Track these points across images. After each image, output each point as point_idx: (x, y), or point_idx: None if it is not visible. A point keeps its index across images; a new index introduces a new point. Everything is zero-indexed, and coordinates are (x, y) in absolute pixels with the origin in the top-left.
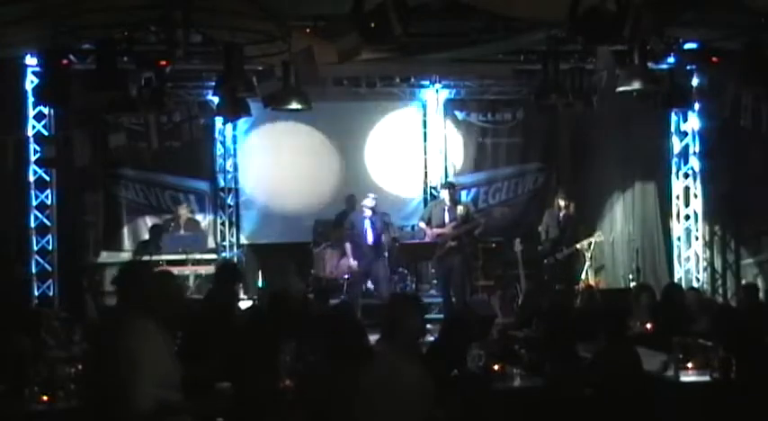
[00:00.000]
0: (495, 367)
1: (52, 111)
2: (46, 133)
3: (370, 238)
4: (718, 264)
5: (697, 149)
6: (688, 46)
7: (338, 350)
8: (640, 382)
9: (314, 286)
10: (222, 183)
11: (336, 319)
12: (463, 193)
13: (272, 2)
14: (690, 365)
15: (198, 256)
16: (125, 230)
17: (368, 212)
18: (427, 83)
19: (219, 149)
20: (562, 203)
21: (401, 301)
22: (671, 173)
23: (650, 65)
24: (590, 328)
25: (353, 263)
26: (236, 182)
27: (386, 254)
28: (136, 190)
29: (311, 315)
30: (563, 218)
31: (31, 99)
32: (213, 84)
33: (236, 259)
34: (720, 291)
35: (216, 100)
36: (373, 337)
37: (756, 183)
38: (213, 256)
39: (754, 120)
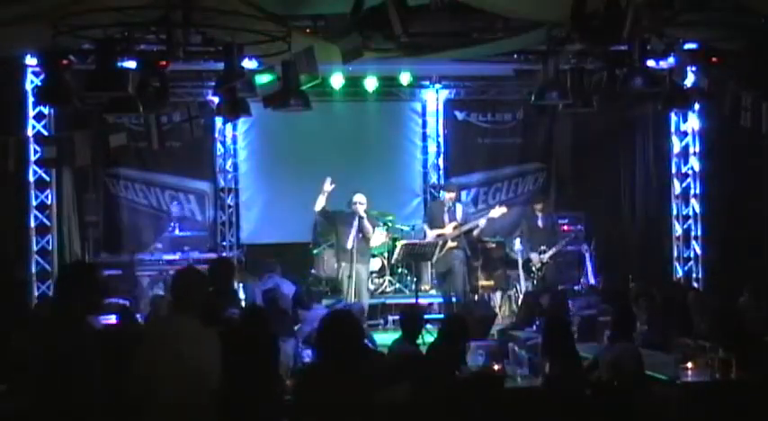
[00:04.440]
0: (496, 367)
1: (52, 111)
2: (46, 133)
3: (351, 239)
4: (718, 264)
5: (697, 149)
6: (688, 46)
7: (336, 350)
8: (641, 382)
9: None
10: (222, 183)
11: (335, 320)
12: (463, 193)
13: (272, 2)
14: (690, 366)
15: (198, 256)
16: (125, 230)
17: (359, 209)
18: (427, 83)
19: (219, 149)
20: (538, 206)
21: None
22: (671, 173)
23: (650, 65)
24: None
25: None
26: (237, 182)
27: (369, 256)
28: (136, 190)
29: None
30: (542, 218)
31: (31, 99)
32: (213, 84)
33: (235, 259)
34: (720, 291)
35: (216, 100)
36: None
37: (756, 183)
38: (213, 256)
39: (754, 120)
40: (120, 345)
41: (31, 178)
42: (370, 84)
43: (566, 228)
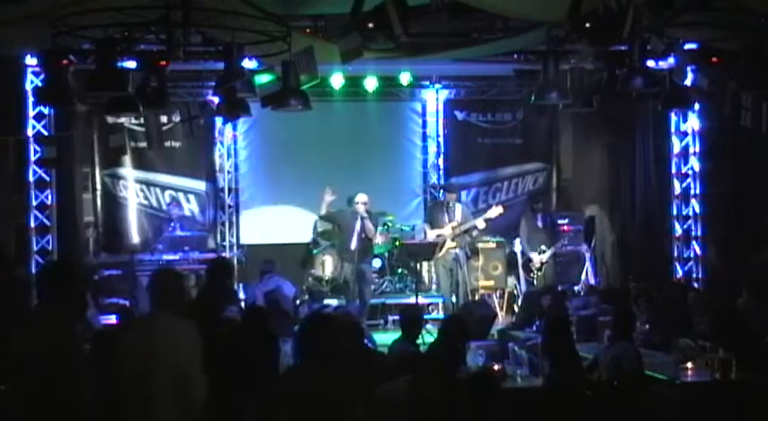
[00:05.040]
0: (496, 367)
1: (52, 111)
2: (46, 133)
3: (354, 239)
4: (718, 264)
5: (697, 149)
6: (688, 46)
7: (313, 353)
8: (641, 382)
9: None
10: (222, 183)
11: (310, 323)
12: (463, 193)
13: (272, 2)
14: (690, 366)
15: (198, 256)
16: (125, 230)
17: (361, 208)
18: (427, 83)
19: (219, 149)
20: (538, 206)
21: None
22: (671, 173)
23: (650, 65)
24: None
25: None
26: (237, 182)
27: (371, 256)
28: (136, 190)
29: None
30: (542, 218)
31: (31, 99)
32: (213, 84)
33: (235, 259)
34: (720, 291)
35: (216, 100)
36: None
37: (756, 183)
38: (213, 256)
39: (754, 120)
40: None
41: (31, 178)
42: (370, 84)
43: (566, 228)
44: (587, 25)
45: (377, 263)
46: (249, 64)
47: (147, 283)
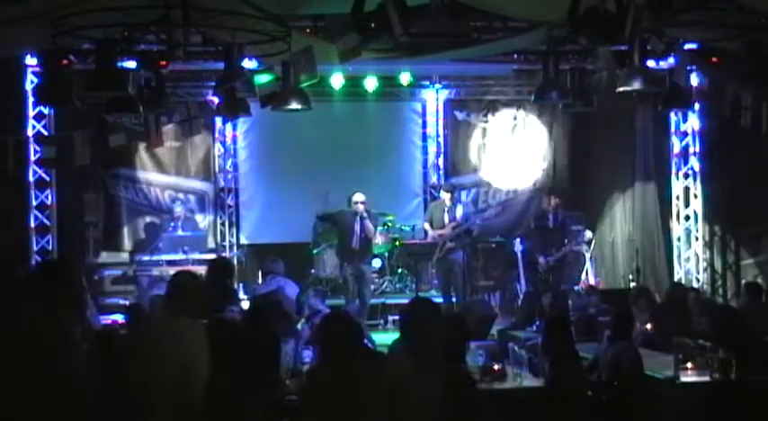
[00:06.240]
0: (496, 367)
1: (52, 111)
2: (46, 133)
3: (356, 239)
4: (718, 264)
5: (697, 149)
6: (688, 46)
7: (336, 351)
8: (641, 382)
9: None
10: (222, 183)
11: (334, 320)
12: (463, 194)
13: (272, 2)
14: (690, 366)
15: (198, 256)
16: (125, 230)
17: (360, 208)
18: (427, 83)
19: (219, 149)
20: (554, 202)
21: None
22: (671, 173)
23: (650, 65)
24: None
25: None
26: (237, 182)
27: (371, 256)
28: (136, 190)
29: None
30: (552, 218)
31: (31, 99)
32: (213, 84)
33: (236, 259)
34: (720, 291)
35: (216, 100)
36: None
37: (756, 183)
38: (213, 256)
39: (754, 120)
40: (117, 345)
41: (31, 178)
42: (370, 84)
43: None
44: (587, 25)
45: (377, 263)
46: (249, 64)
47: (167, 285)
